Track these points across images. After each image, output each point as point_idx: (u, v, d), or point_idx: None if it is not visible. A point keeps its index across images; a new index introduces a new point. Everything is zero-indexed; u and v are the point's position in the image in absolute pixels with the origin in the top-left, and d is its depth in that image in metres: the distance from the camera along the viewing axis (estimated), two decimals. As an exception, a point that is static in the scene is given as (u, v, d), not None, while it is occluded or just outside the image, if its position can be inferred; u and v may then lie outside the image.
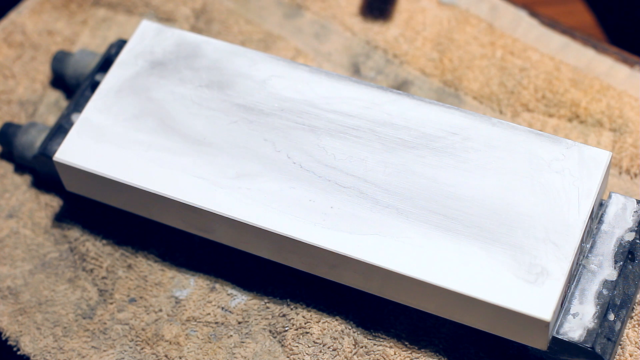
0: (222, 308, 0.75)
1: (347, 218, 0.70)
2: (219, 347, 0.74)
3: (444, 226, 0.69)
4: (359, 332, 0.73)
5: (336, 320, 0.74)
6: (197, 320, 0.75)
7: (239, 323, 0.75)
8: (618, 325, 0.68)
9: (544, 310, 0.65)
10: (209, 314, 0.75)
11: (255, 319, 0.75)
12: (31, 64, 0.89)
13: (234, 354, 0.73)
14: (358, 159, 0.72)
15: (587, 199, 0.69)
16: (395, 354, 0.72)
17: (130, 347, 0.75)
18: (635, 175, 0.78)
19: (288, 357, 0.73)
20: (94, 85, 0.80)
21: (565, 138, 0.73)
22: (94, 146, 0.75)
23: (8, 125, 0.83)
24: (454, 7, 0.88)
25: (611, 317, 0.68)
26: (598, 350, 0.67)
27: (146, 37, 0.79)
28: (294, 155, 0.73)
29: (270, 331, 0.74)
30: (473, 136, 0.72)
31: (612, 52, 0.84)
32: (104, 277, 0.78)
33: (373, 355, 0.72)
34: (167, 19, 0.90)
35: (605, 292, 0.68)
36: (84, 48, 0.86)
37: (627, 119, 0.80)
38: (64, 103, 0.86)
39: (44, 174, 0.81)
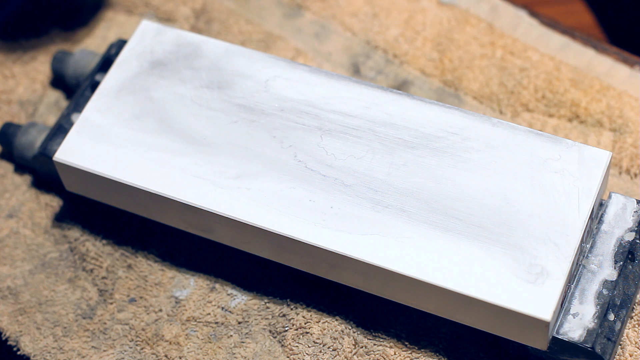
0: (222, 308, 0.75)
1: (347, 218, 0.70)
2: (219, 347, 0.74)
3: (444, 226, 0.69)
4: (359, 332, 0.73)
5: (336, 320, 0.74)
6: (197, 320, 0.75)
7: (239, 323, 0.75)
8: (618, 325, 0.68)
9: (544, 310, 0.65)
10: (209, 314, 0.75)
11: (255, 319, 0.75)
12: (31, 64, 0.89)
13: (234, 354, 0.73)
14: (358, 158, 0.72)
15: (587, 199, 0.69)
16: (395, 354, 0.72)
17: (130, 347, 0.75)
18: (635, 175, 0.78)
19: (288, 357, 0.73)
20: (94, 85, 0.80)
21: (565, 138, 0.73)
22: (94, 146, 0.75)
23: (8, 125, 0.83)
24: (454, 7, 0.88)
25: (611, 317, 0.68)
26: (598, 350, 0.67)
27: (146, 37, 0.79)
28: (294, 155, 0.73)
29: (270, 331, 0.74)
30: (473, 136, 0.72)
31: (612, 52, 0.84)
32: (104, 277, 0.78)
33: (373, 355, 0.72)
34: (167, 19, 0.90)
35: (605, 292, 0.68)
36: (84, 48, 0.86)
37: (627, 119, 0.80)
38: (64, 103, 0.86)
39: (44, 174, 0.81)
